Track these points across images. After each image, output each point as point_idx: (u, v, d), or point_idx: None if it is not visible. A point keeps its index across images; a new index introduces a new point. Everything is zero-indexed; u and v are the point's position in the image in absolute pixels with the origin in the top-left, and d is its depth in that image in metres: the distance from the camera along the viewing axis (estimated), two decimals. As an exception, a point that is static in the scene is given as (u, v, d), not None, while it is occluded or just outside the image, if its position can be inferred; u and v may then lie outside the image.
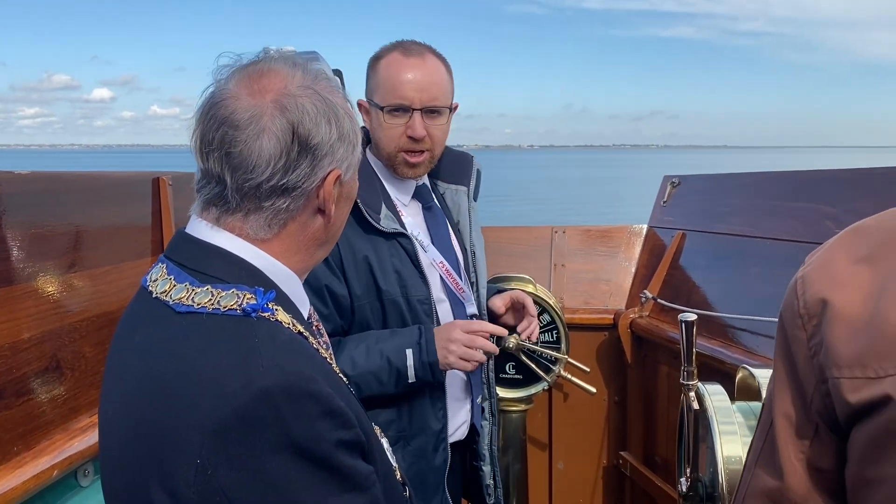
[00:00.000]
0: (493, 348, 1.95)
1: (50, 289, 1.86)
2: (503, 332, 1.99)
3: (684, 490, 1.55)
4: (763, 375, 1.45)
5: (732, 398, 1.53)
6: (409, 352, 1.85)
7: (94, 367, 1.96)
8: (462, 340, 1.86)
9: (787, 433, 0.93)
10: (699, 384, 1.50)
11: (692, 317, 1.45)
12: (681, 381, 1.51)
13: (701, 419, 1.49)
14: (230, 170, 1.05)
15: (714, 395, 1.47)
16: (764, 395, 1.40)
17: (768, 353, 2.32)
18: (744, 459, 1.34)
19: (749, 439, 1.39)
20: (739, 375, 1.57)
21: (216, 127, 1.05)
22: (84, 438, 1.82)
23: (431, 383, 1.90)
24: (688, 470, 1.56)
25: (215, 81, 1.11)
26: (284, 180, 1.05)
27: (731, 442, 1.38)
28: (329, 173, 1.09)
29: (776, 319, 2.34)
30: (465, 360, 1.87)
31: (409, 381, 1.86)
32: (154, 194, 2.34)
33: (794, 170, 2.82)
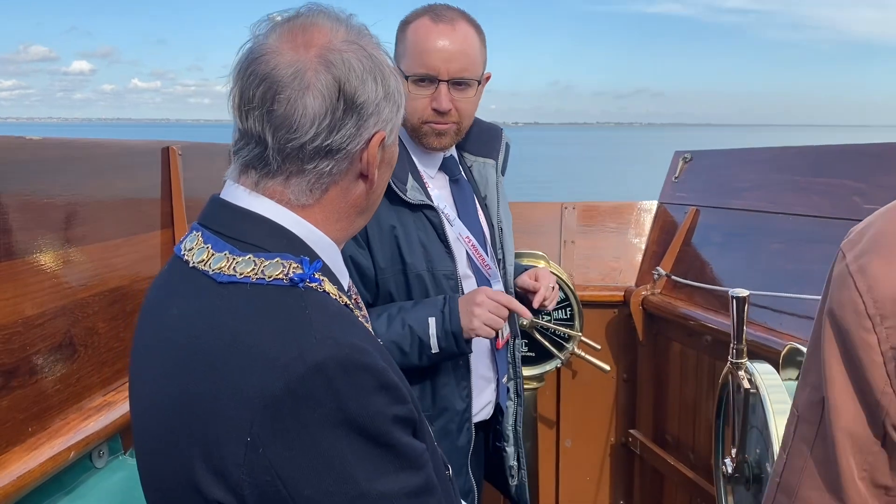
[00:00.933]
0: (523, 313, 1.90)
1: (60, 262, 1.77)
2: (527, 314, 1.92)
3: (729, 471, 1.51)
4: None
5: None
6: (431, 320, 1.79)
7: (107, 343, 1.88)
8: (488, 305, 1.80)
9: (849, 450, 0.82)
10: (748, 362, 1.46)
11: (744, 292, 1.40)
12: (730, 359, 1.46)
13: (749, 398, 1.44)
14: (272, 129, 0.98)
15: (765, 375, 1.42)
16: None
17: (791, 330, 2.29)
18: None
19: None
20: (786, 352, 1.53)
21: (257, 83, 0.98)
22: (98, 418, 1.74)
23: (455, 354, 1.83)
24: (733, 451, 1.52)
25: (253, 37, 1.04)
26: (329, 141, 0.99)
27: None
28: (374, 135, 1.02)
29: (800, 296, 2.28)
30: (488, 327, 1.81)
31: (433, 350, 1.79)
32: (164, 164, 2.25)
33: (816, 144, 2.77)
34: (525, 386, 2.97)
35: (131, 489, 1.75)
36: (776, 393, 1.39)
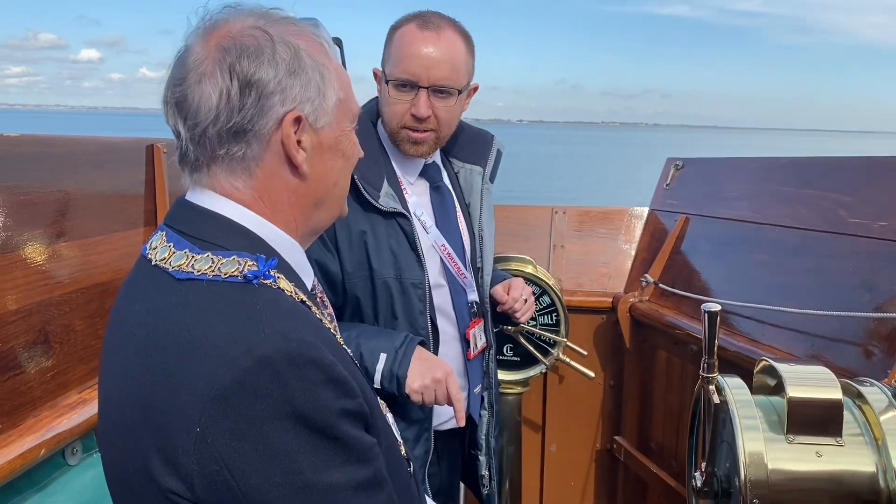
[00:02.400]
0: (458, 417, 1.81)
1: (38, 259, 1.77)
2: (461, 421, 1.80)
3: (699, 485, 1.50)
4: (786, 370, 1.40)
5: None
6: (383, 356, 1.76)
7: (83, 340, 1.88)
8: (441, 388, 1.75)
9: None
10: (719, 377, 1.45)
11: (716, 307, 1.39)
12: (700, 373, 1.46)
13: (720, 413, 1.44)
14: (182, 120, 1.03)
15: (735, 389, 1.42)
16: (789, 390, 1.35)
17: (774, 342, 2.29)
18: (765, 455, 1.31)
19: (770, 434, 1.35)
20: (759, 368, 1.52)
21: (171, 82, 1.04)
22: (72, 416, 1.74)
23: (395, 396, 1.76)
24: (703, 464, 1.52)
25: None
26: (231, 123, 1.01)
27: (754, 438, 1.34)
28: (285, 114, 1.03)
29: (784, 308, 2.27)
30: (424, 397, 1.76)
31: (374, 385, 1.74)
32: (148, 161, 2.25)
33: (805, 156, 2.76)
34: (510, 391, 2.98)
35: (104, 486, 1.75)
36: (745, 408, 1.39)
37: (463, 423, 1.82)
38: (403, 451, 1.22)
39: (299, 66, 1.04)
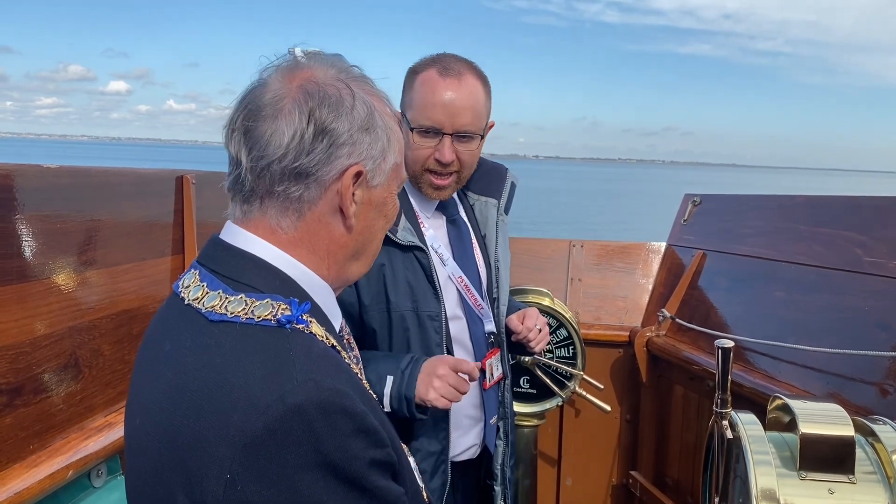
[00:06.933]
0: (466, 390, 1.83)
1: (70, 285, 1.83)
2: (473, 380, 1.85)
3: (712, 520, 1.52)
4: (799, 406, 1.42)
5: (763, 426, 1.50)
6: (389, 378, 1.78)
7: (111, 365, 1.93)
8: (449, 378, 1.77)
9: None
10: (732, 412, 1.47)
11: (729, 343, 1.42)
12: (714, 408, 1.48)
13: (733, 448, 1.46)
14: (247, 149, 1.04)
15: (748, 425, 1.44)
16: (802, 427, 1.36)
17: (791, 379, 2.30)
18: (777, 490, 1.33)
19: (782, 470, 1.36)
20: (773, 405, 1.54)
21: (242, 108, 1.06)
22: (99, 438, 1.79)
23: (406, 418, 1.79)
24: (716, 499, 1.53)
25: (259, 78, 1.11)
26: (297, 163, 1.03)
27: (766, 474, 1.35)
28: (349, 167, 1.06)
29: (800, 346, 2.27)
30: (445, 398, 1.77)
31: (384, 409, 1.76)
32: (177, 192, 2.32)
33: (821, 194, 2.79)
34: (526, 423, 2.99)
35: (127, 510, 1.79)
36: (758, 444, 1.40)
37: (466, 390, 1.83)
38: (426, 496, 1.22)
39: (372, 125, 1.07)
